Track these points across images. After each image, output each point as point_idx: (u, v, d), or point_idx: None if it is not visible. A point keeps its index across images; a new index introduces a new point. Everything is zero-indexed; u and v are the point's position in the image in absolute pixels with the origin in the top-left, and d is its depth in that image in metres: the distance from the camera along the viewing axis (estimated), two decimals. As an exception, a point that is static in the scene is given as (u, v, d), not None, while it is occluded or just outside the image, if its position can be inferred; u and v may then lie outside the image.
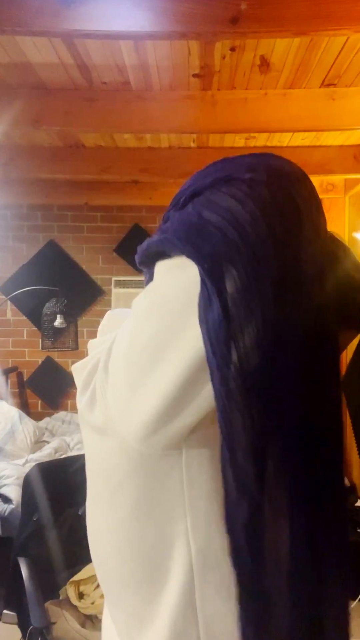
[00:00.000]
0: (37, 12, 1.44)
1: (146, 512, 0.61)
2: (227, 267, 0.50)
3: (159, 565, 0.61)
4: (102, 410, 0.60)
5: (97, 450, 0.65)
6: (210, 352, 0.50)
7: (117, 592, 0.67)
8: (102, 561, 0.69)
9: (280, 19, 1.44)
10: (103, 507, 0.66)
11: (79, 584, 2.03)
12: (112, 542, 0.65)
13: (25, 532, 2.10)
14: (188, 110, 2.21)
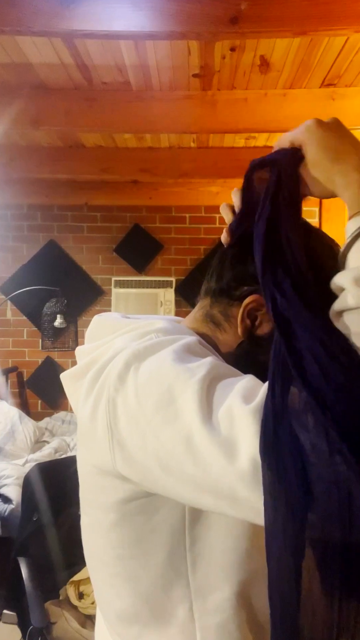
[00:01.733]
0: (37, 12, 1.45)
1: (145, 552, 0.60)
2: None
3: (158, 605, 0.60)
4: (105, 444, 0.56)
5: (95, 482, 0.62)
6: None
7: (113, 620, 0.65)
8: (98, 590, 0.68)
9: (280, 19, 1.44)
10: (99, 539, 0.64)
11: (79, 584, 2.03)
12: (108, 574, 0.64)
13: (25, 532, 2.10)
14: (188, 110, 2.21)
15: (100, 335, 0.68)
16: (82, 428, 0.60)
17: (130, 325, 0.65)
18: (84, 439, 0.60)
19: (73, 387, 0.68)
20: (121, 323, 0.68)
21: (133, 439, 0.53)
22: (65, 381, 0.69)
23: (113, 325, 0.68)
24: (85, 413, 0.58)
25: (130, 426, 0.53)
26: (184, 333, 0.63)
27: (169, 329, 0.62)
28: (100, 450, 0.56)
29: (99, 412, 0.56)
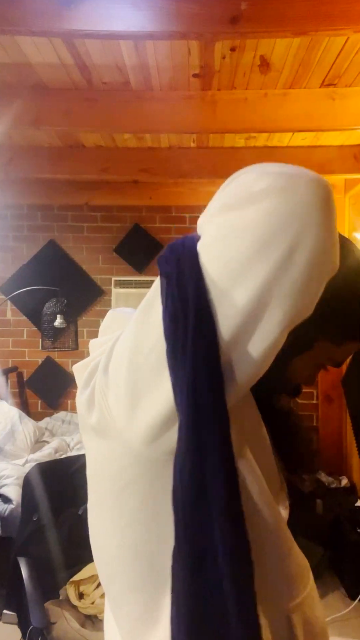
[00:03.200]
0: (37, 12, 1.45)
1: (150, 516, 0.62)
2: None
3: (163, 568, 0.61)
4: (99, 411, 0.59)
5: (99, 454, 0.65)
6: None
7: (122, 595, 0.66)
8: (105, 565, 0.69)
9: (280, 19, 1.44)
10: (106, 511, 0.66)
11: (79, 584, 2.04)
12: (116, 546, 0.65)
13: (25, 532, 2.11)
14: (188, 110, 2.21)
15: (113, 328, 0.71)
16: (82, 409, 0.63)
17: None
18: (85, 419, 0.63)
19: (80, 378, 0.70)
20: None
21: (117, 395, 0.56)
22: (77, 372, 0.71)
23: (127, 319, 0.70)
24: (85, 395, 0.62)
25: (115, 381, 0.57)
26: None
27: None
28: (100, 421, 0.60)
29: (96, 388, 0.60)
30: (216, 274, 0.49)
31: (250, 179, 0.51)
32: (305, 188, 0.47)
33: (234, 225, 0.49)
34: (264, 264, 0.47)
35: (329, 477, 3.23)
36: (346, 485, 3.16)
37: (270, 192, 0.48)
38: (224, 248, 0.49)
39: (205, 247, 0.51)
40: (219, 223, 0.51)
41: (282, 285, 0.48)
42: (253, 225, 0.47)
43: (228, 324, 0.49)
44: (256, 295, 0.48)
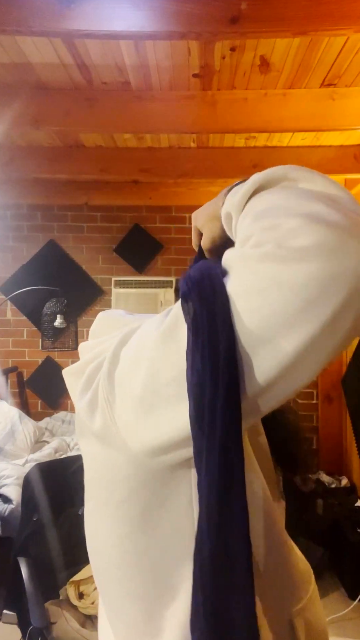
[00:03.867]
0: (37, 12, 1.45)
1: (153, 527, 0.60)
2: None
3: (165, 580, 0.60)
4: (103, 419, 0.58)
5: (99, 461, 0.63)
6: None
7: (119, 603, 0.65)
8: (103, 572, 0.68)
9: (280, 19, 1.44)
10: (106, 519, 0.64)
11: (79, 584, 2.04)
12: (115, 555, 0.64)
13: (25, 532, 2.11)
14: (188, 110, 2.21)
15: (105, 331, 0.69)
16: (82, 415, 0.61)
17: (138, 321, 0.66)
18: (85, 425, 0.62)
19: (75, 383, 0.69)
20: (127, 319, 0.69)
21: (124, 401, 0.55)
22: (67, 377, 0.70)
23: (119, 321, 0.69)
24: (85, 400, 0.60)
25: (121, 390, 0.56)
26: None
27: None
28: (103, 429, 0.58)
29: (98, 395, 0.58)
30: (255, 326, 0.47)
31: (295, 225, 0.47)
32: (356, 251, 0.45)
33: (277, 280, 0.46)
34: (310, 324, 0.45)
35: (329, 477, 3.23)
36: (346, 485, 3.16)
37: (319, 254, 0.45)
38: (265, 302, 0.46)
39: (242, 296, 0.49)
40: (258, 271, 0.47)
41: (325, 343, 0.47)
42: (300, 284, 0.45)
43: (262, 376, 0.48)
44: (297, 352, 0.47)
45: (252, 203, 0.55)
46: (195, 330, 0.50)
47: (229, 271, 0.51)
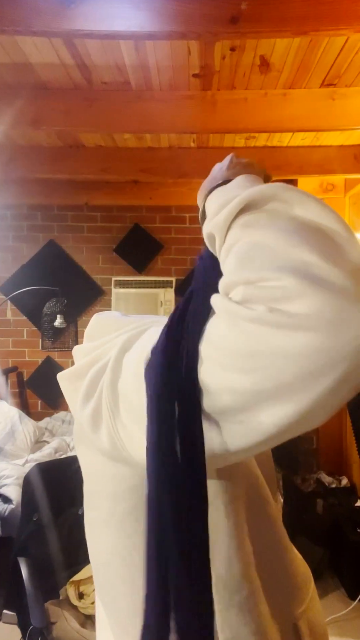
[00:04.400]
0: (37, 12, 1.44)
1: None
2: None
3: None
4: (108, 431, 0.56)
5: (102, 472, 0.62)
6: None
7: (127, 619, 0.64)
8: (109, 588, 0.66)
9: (280, 19, 1.43)
10: (111, 531, 0.63)
11: (79, 584, 2.03)
12: (122, 569, 0.63)
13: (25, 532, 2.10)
14: (188, 110, 2.20)
15: (101, 333, 0.68)
16: (84, 424, 0.60)
17: (135, 323, 0.65)
18: (87, 435, 0.60)
19: (73, 386, 0.68)
20: (124, 321, 0.68)
21: (129, 412, 0.54)
22: (63, 381, 0.69)
23: (115, 323, 0.68)
24: (87, 410, 0.58)
25: (125, 401, 0.55)
26: None
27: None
28: (106, 438, 0.57)
29: (102, 403, 0.57)
30: (232, 390, 0.44)
31: (288, 284, 0.43)
32: (357, 321, 0.40)
33: (269, 346, 0.42)
34: (300, 398, 0.42)
35: (329, 477, 3.23)
36: (346, 485, 3.16)
37: (317, 324, 0.41)
38: (253, 366, 0.42)
39: (226, 355, 0.44)
40: (248, 333, 0.43)
41: (312, 417, 0.43)
42: (295, 354, 0.41)
43: (228, 444, 0.46)
44: (276, 427, 0.43)
45: (236, 231, 0.51)
46: (160, 385, 0.49)
47: (215, 318, 0.47)
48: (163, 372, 0.48)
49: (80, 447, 0.66)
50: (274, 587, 0.64)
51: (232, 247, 0.50)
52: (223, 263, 0.51)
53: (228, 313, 0.45)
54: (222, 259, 0.52)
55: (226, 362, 0.44)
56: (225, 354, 0.44)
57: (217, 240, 0.54)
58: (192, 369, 0.46)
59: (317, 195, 2.90)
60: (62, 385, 0.69)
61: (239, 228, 0.50)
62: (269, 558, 0.65)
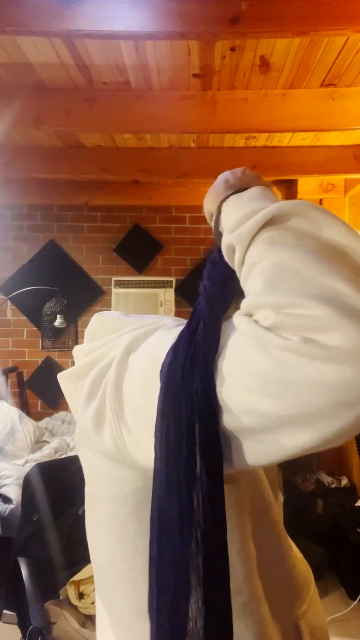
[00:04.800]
0: (37, 12, 1.44)
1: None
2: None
3: None
4: (111, 433, 0.56)
5: (104, 473, 0.61)
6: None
7: (128, 620, 0.64)
8: (110, 587, 0.66)
9: (280, 19, 1.43)
10: (113, 533, 0.62)
11: (79, 584, 2.03)
12: (124, 570, 0.63)
13: (25, 532, 2.10)
14: (188, 110, 2.20)
15: (102, 333, 0.67)
16: (87, 425, 0.59)
17: (136, 323, 0.65)
18: (90, 436, 0.60)
19: (73, 386, 0.67)
20: (125, 321, 0.67)
21: (134, 416, 0.54)
22: (63, 381, 0.69)
23: (116, 323, 0.68)
24: (90, 411, 0.58)
25: (131, 405, 0.54)
26: None
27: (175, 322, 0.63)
28: (109, 440, 0.56)
29: (106, 406, 0.57)
30: (268, 412, 0.44)
31: (320, 314, 0.43)
32: None
33: (301, 375, 0.42)
34: (326, 426, 0.43)
35: (329, 477, 3.23)
36: (346, 485, 3.16)
37: (352, 358, 0.41)
38: (283, 392, 0.43)
39: (253, 379, 0.44)
40: (279, 360, 0.43)
41: (333, 442, 0.45)
42: (328, 386, 0.42)
43: (247, 460, 0.47)
44: (299, 449, 0.44)
45: (260, 248, 0.50)
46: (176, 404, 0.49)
47: (240, 339, 0.47)
48: (177, 389, 0.49)
49: (82, 449, 0.66)
50: (275, 589, 0.64)
51: (256, 264, 0.49)
52: (245, 279, 0.51)
53: (258, 339, 0.45)
54: (244, 274, 0.52)
55: (252, 384, 0.44)
56: (251, 377, 0.44)
57: (237, 252, 0.53)
58: (209, 387, 0.47)
59: (317, 196, 2.88)
60: (62, 386, 0.69)
61: (263, 244, 0.50)
62: (270, 560, 0.64)
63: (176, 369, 0.49)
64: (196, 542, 0.48)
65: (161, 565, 0.51)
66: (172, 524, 0.49)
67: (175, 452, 0.48)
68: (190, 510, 0.48)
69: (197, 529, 0.48)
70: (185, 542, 0.48)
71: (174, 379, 0.49)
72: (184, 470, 0.48)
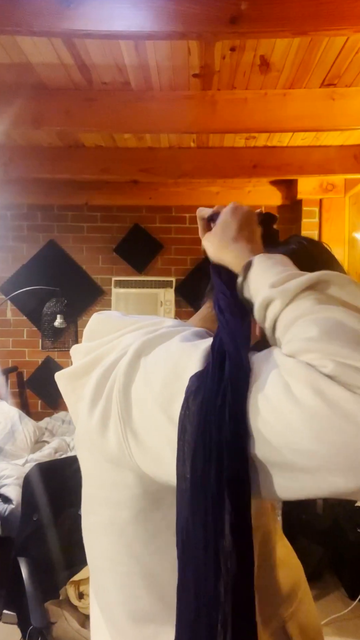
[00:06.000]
0: (37, 12, 1.44)
1: (163, 546, 0.58)
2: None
3: (173, 602, 0.58)
4: (118, 438, 0.56)
5: (105, 478, 0.61)
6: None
7: (126, 626, 0.63)
8: (105, 592, 0.65)
9: (280, 19, 1.44)
10: (111, 538, 0.62)
11: (79, 584, 2.03)
12: (120, 576, 0.62)
13: (25, 532, 2.10)
14: (188, 110, 2.21)
15: (102, 333, 0.67)
16: (91, 427, 0.59)
17: (138, 323, 0.65)
18: (93, 438, 0.59)
19: (71, 386, 0.67)
20: (125, 321, 0.67)
21: (144, 422, 0.53)
22: (61, 381, 0.68)
23: (116, 323, 0.67)
24: (96, 414, 0.57)
25: (141, 411, 0.54)
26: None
27: (179, 325, 0.63)
28: (113, 444, 0.56)
29: (111, 409, 0.56)
30: (314, 454, 0.45)
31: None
32: None
33: (357, 425, 0.44)
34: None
35: (329, 477, 3.23)
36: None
37: None
38: (337, 441, 0.44)
39: (306, 422, 0.45)
40: (337, 407, 0.45)
41: None
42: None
43: (285, 494, 0.48)
44: (342, 492, 0.46)
45: (307, 304, 0.52)
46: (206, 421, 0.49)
47: (289, 379, 0.48)
48: (208, 418, 0.49)
49: (82, 451, 0.65)
50: (261, 593, 0.63)
51: (304, 317, 0.51)
52: (285, 329, 0.52)
53: (314, 384, 0.46)
54: (284, 324, 0.53)
55: (298, 425, 0.45)
56: (300, 418, 0.45)
57: (276, 305, 0.55)
58: (239, 418, 0.48)
59: (317, 196, 2.88)
60: (60, 385, 0.68)
61: (310, 302, 0.52)
62: (262, 570, 0.64)
63: (207, 400, 0.50)
64: (223, 564, 0.49)
65: (184, 581, 0.52)
66: (195, 543, 0.50)
67: (202, 478, 0.49)
68: (214, 536, 0.49)
69: (222, 554, 0.49)
70: (208, 563, 0.49)
71: (204, 409, 0.49)
72: (211, 497, 0.49)
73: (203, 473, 0.49)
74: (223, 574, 0.48)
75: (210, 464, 0.48)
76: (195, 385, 0.51)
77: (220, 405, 0.49)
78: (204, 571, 0.49)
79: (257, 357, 0.53)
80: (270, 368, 0.49)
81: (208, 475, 0.48)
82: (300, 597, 0.70)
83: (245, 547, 0.49)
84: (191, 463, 0.49)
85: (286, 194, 3.59)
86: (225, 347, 0.53)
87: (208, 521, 0.49)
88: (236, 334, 0.55)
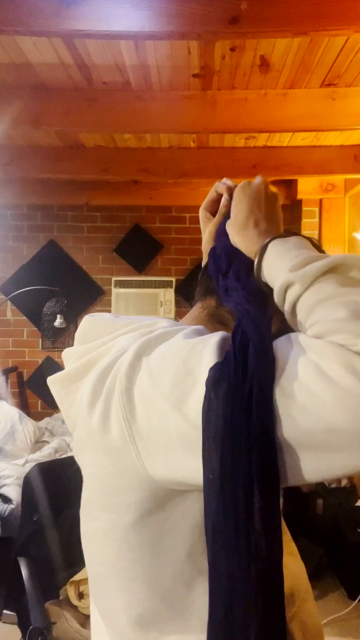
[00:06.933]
0: (37, 12, 1.44)
1: (165, 550, 0.58)
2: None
3: (178, 603, 0.58)
4: (125, 440, 0.55)
5: (107, 483, 0.60)
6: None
7: (125, 627, 0.62)
8: (105, 597, 0.65)
9: (280, 19, 1.43)
10: (113, 543, 0.61)
11: (79, 584, 2.04)
12: (122, 581, 0.61)
13: (25, 532, 2.11)
14: (188, 110, 2.20)
15: (95, 335, 0.66)
16: (91, 431, 0.58)
17: (131, 324, 0.64)
18: (94, 442, 0.58)
19: (65, 390, 0.66)
20: (119, 323, 0.66)
21: (152, 423, 0.53)
22: (54, 385, 0.67)
23: (108, 325, 0.67)
24: (95, 417, 0.57)
25: (148, 411, 0.53)
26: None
27: (174, 325, 0.63)
28: (118, 448, 0.55)
29: (112, 411, 0.56)
30: (349, 431, 0.46)
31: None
32: None
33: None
34: None
35: (329, 477, 3.23)
36: (346, 485, 3.16)
37: None
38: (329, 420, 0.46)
39: (348, 399, 0.46)
40: (333, 393, 0.46)
41: None
42: None
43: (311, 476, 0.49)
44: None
45: (330, 287, 0.54)
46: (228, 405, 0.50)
47: (322, 361, 0.49)
48: (233, 410, 0.50)
49: (83, 456, 0.64)
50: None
51: (329, 300, 0.52)
52: (309, 310, 0.54)
53: (347, 362, 0.47)
54: (306, 306, 0.54)
55: (332, 404, 0.46)
56: (333, 397, 0.46)
57: (296, 288, 0.56)
58: (266, 405, 0.48)
59: (317, 196, 2.88)
60: (53, 390, 0.68)
61: (333, 285, 0.53)
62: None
63: (232, 390, 0.50)
64: (253, 558, 0.50)
65: (216, 576, 0.52)
66: (225, 531, 0.51)
67: (232, 466, 0.49)
68: (246, 523, 0.50)
69: (253, 545, 0.49)
70: (239, 548, 0.50)
71: (230, 398, 0.50)
72: (241, 485, 0.49)
73: (232, 460, 0.49)
74: (254, 556, 0.49)
75: (240, 452, 0.49)
76: (215, 376, 0.51)
77: (248, 393, 0.49)
78: (235, 557, 0.50)
79: (279, 343, 0.53)
80: (297, 351, 0.50)
81: (238, 463, 0.49)
82: (303, 596, 0.70)
83: (275, 534, 0.50)
84: (220, 453, 0.49)
85: (286, 194, 3.59)
86: (250, 337, 0.53)
87: (239, 510, 0.49)
88: (260, 324, 0.56)
